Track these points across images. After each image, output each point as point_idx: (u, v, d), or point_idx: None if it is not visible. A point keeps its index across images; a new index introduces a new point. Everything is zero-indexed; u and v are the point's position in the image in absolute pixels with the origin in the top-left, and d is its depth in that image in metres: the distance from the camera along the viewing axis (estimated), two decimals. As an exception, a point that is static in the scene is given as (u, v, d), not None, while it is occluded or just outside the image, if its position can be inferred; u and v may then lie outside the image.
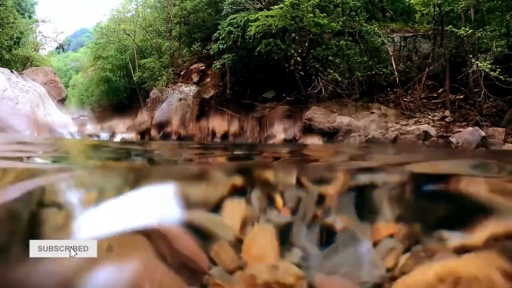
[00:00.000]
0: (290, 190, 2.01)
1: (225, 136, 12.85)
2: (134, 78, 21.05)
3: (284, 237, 1.60)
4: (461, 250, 1.33)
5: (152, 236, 1.48)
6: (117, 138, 14.10)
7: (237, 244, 1.56)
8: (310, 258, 1.46)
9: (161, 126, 14.48)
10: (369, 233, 1.57)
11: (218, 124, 13.14)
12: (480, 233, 1.36)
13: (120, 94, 26.06)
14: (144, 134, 14.71)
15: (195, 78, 16.60)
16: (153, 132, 14.48)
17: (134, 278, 1.35)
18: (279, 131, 11.18)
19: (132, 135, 13.77)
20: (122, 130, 15.54)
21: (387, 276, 1.35)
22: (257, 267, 1.38)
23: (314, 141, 10.48)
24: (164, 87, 16.45)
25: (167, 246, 1.47)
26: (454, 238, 1.39)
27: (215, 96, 15.63)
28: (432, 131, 10.01)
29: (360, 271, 1.37)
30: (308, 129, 11.37)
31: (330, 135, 10.97)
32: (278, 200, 1.87)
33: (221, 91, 15.65)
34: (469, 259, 1.26)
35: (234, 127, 13.40)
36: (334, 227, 1.64)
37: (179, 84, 16.25)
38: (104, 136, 13.24)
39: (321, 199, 1.91)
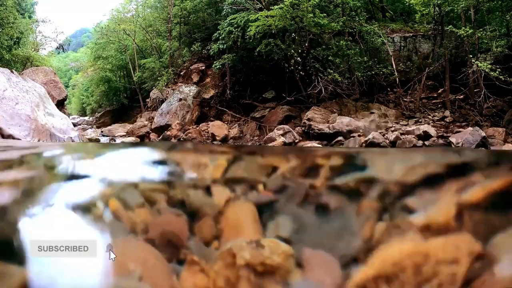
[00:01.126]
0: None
1: (224, 139, 12.85)
2: (134, 78, 21.07)
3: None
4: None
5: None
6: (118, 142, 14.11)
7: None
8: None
9: (160, 129, 14.48)
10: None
11: (218, 127, 13.14)
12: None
13: (120, 94, 26.10)
14: (143, 137, 14.71)
15: (195, 78, 16.61)
16: (153, 136, 14.48)
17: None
18: (279, 135, 11.17)
19: (132, 139, 13.77)
20: (122, 133, 15.56)
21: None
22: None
23: (313, 144, 10.48)
24: (164, 87, 16.46)
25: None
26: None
27: (215, 96, 15.64)
28: (432, 131, 10.01)
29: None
30: (308, 132, 11.38)
31: (329, 137, 10.96)
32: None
33: (221, 91, 15.65)
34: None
35: (234, 130, 13.40)
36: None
37: (179, 84, 16.26)
38: (104, 140, 13.24)
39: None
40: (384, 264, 1.14)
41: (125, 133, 15.53)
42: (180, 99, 15.14)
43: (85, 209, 1.64)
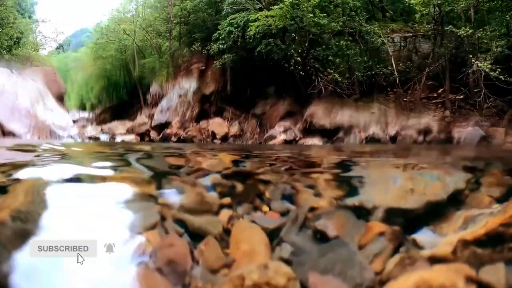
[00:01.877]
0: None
1: (225, 138, 12.83)
2: (134, 74, 21.03)
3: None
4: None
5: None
6: (118, 140, 14.08)
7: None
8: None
9: (160, 127, 14.46)
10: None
11: (218, 125, 13.11)
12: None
13: (120, 89, 25.94)
14: (143, 135, 14.69)
15: (195, 75, 16.59)
16: (153, 134, 14.46)
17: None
18: (279, 132, 11.16)
19: (132, 137, 13.74)
20: (121, 131, 15.53)
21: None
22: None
23: (314, 141, 10.47)
24: (164, 83, 16.40)
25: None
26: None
27: (215, 91, 15.61)
28: (434, 125, 9.94)
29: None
30: (309, 130, 11.36)
31: (330, 134, 10.95)
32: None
33: (221, 87, 15.63)
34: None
35: (234, 128, 13.37)
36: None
37: (179, 79, 16.19)
38: (104, 138, 13.21)
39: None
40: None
41: (125, 131, 15.51)
42: (180, 95, 15.09)
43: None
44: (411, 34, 13.88)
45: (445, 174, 2.69)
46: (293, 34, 12.95)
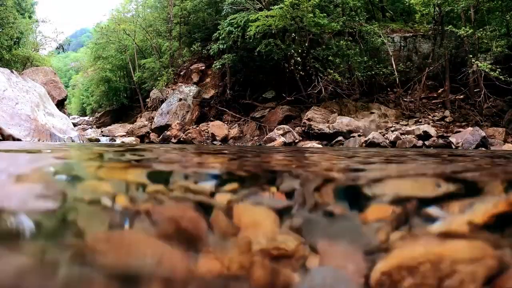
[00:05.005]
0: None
1: (225, 139, 12.85)
2: (134, 78, 21.08)
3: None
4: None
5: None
6: (117, 142, 14.11)
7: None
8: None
9: (160, 129, 14.47)
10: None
11: (217, 127, 13.13)
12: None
13: (120, 94, 26.10)
14: (143, 137, 14.71)
15: (195, 78, 16.61)
16: (153, 136, 14.47)
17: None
18: (279, 135, 11.16)
19: (132, 139, 13.76)
20: (122, 133, 15.56)
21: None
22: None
23: (313, 144, 10.47)
24: (164, 87, 16.46)
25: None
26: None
27: (215, 96, 15.65)
28: (432, 131, 10.01)
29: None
30: (308, 132, 11.37)
31: (329, 137, 10.96)
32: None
33: (221, 91, 15.66)
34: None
35: (234, 130, 13.39)
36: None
37: (179, 84, 16.26)
38: (104, 140, 13.23)
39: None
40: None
41: (125, 133, 15.54)
42: (180, 99, 15.14)
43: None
44: (411, 34, 13.88)
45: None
46: (293, 34, 12.96)
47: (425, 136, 9.85)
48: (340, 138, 10.75)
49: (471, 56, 10.78)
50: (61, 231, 1.09)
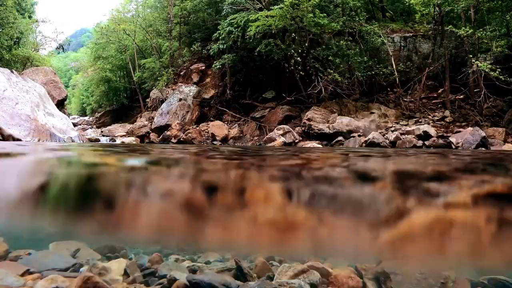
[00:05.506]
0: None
1: (225, 139, 12.84)
2: (134, 78, 21.07)
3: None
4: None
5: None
6: (117, 142, 14.11)
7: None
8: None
9: (160, 129, 14.47)
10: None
11: (217, 127, 13.12)
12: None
13: (120, 94, 26.09)
14: (143, 137, 14.70)
15: (195, 78, 16.61)
16: (153, 136, 14.47)
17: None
18: (279, 135, 11.16)
19: (131, 139, 13.75)
20: (122, 133, 15.55)
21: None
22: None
23: (313, 144, 10.46)
24: (164, 87, 16.46)
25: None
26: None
27: (215, 96, 15.64)
28: (432, 131, 10.01)
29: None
30: (308, 132, 11.36)
31: (329, 137, 10.95)
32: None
33: (221, 91, 15.65)
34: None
35: (234, 130, 13.38)
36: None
37: (179, 84, 16.25)
38: (104, 140, 13.21)
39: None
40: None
41: (125, 133, 15.53)
42: (180, 99, 15.14)
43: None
44: (411, 34, 13.88)
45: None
46: (293, 34, 12.95)
47: (425, 136, 9.85)
48: (340, 138, 10.75)
49: (471, 56, 10.78)
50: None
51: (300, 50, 12.49)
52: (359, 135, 10.52)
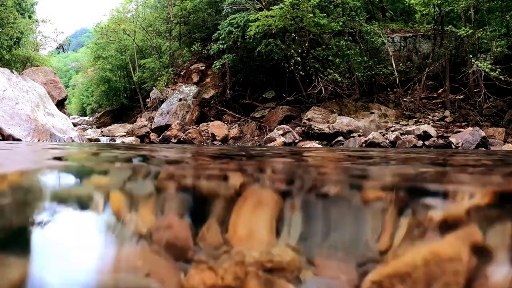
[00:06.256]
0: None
1: (225, 139, 12.85)
2: (134, 78, 21.08)
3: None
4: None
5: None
6: (117, 142, 14.11)
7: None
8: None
9: (160, 129, 14.48)
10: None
11: (217, 127, 13.13)
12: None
13: (120, 94, 26.12)
14: (143, 137, 14.71)
15: (195, 78, 16.61)
16: (153, 136, 14.47)
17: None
18: (279, 135, 11.16)
19: (131, 139, 13.76)
20: (122, 133, 15.56)
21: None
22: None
23: (313, 144, 10.46)
24: (164, 87, 16.46)
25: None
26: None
27: (215, 96, 15.65)
28: (432, 131, 10.01)
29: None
30: (308, 132, 11.37)
31: (329, 137, 10.96)
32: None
33: (221, 91, 15.66)
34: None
35: (234, 131, 13.39)
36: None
37: (179, 84, 16.26)
38: (104, 140, 13.22)
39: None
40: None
41: (125, 133, 15.54)
42: (180, 99, 15.15)
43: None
44: (411, 34, 13.89)
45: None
46: (293, 34, 12.96)
47: (425, 136, 9.85)
48: (340, 138, 10.75)
49: (471, 56, 10.78)
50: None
51: (300, 50, 12.50)
52: (359, 135, 10.52)
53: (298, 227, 0.88)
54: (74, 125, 15.42)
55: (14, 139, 7.33)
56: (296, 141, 11.19)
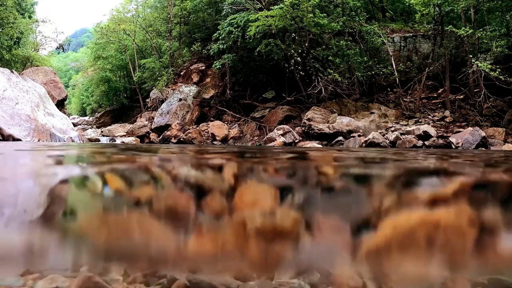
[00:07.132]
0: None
1: (225, 139, 12.85)
2: (134, 78, 21.07)
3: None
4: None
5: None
6: (117, 142, 14.11)
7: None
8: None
9: (160, 129, 14.47)
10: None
11: (217, 127, 13.12)
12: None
13: (120, 94, 26.11)
14: (143, 137, 14.71)
15: (195, 78, 16.61)
16: (153, 136, 14.47)
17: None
18: (279, 135, 11.16)
19: (131, 139, 13.76)
20: (122, 133, 15.56)
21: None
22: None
23: (313, 144, 10.47)
24: (164, 87, 16.46)
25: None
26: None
27: (215, 96, 15.64)
28: (432, 131, 10.01)
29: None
30: (308, 132, 11.37)
31: (329, 137, 10.96)
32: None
33: (221, 91, 15.66)
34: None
35: (234, 131, 13.39)
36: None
37: (179, 84, 16.26)
38: (104, 140, 13.21)
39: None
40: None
41: (125, 133, 15.53)
42: (180, 99, 15.14)
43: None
44: (411, 34, 13.88)
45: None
46: (293, 34, 12.96)
47: (425, 136, 9.85)
48: (340, 138, 10.75)
49: (471, 56, 10.78)
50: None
51: (300, 50, 12.50)
52: (359, 135, 10.52)
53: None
54: (74, 125, 15.43)
55: (14, 139, 7.33)
56: (296, 141, 11.19)
